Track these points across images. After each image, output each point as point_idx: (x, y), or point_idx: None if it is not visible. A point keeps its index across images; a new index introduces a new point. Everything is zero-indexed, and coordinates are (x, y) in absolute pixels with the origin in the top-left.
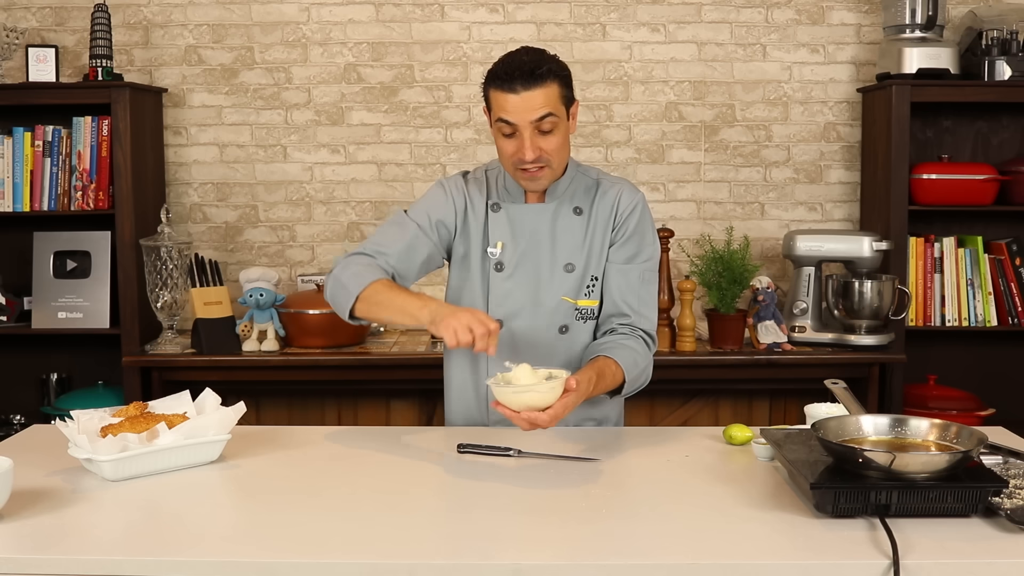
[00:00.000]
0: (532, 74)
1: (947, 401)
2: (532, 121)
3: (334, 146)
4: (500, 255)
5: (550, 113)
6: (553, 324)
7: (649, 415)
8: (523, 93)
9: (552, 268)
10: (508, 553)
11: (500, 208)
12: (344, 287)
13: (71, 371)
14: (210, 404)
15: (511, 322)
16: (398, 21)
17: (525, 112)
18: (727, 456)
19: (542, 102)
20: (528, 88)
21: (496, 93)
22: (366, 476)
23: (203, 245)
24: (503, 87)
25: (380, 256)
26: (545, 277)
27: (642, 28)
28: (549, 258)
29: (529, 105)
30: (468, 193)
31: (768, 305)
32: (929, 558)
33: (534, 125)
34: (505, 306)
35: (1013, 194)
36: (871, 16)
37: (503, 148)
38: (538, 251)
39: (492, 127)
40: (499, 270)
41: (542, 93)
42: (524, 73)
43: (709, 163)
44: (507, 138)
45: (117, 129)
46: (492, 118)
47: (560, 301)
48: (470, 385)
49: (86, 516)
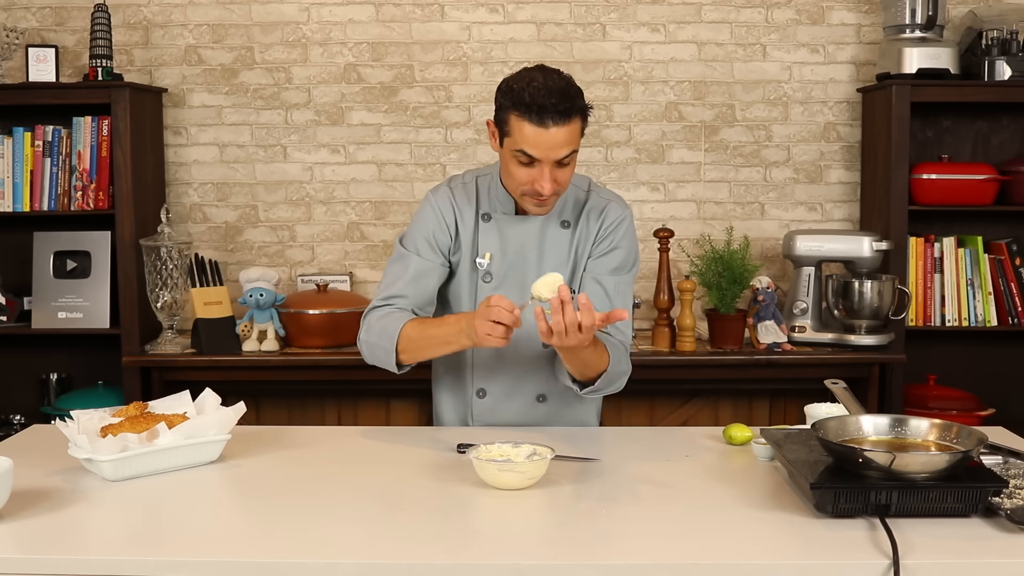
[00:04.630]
0: (564, 113)
1: (947, 401)
2: (556, 160)
3: (334, 146)
4: (488, 265)
5: (574, 150)
6: (536, 335)
7: (649, 415)
8: (552, 129)
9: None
10: (508, 553)
11: (491, 219)
12: (380, 347)
13: (71, 371)
14: (210, 404)
15: None
16: (398, 21)
17: (551, 149)
18: (727, 456)
19: (567, 139)
20: (558, 125)
21: (521, 122)
22: (366, 476)
23: (203, 245)
24: (531, 119)
25: (394, 300)
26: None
27: (642, 28)
28: (536, 270)
29: (556, 142)
30: (456, 203)
31: (768, 305)
32: (929, 558)
33: (556, 162)
34: None
35: (1013, 194)
36: (871, 16)
37: (517, 175)
38: (525, 262)
39: (503, 148)
40: (487, 281)
41: (568, 131)
42: (557, 112)
43: (709, 163)
44: (523, 167)
45: (117, 129)
46: (508, 142)
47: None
48: (456, 384)
49: (86, 516)
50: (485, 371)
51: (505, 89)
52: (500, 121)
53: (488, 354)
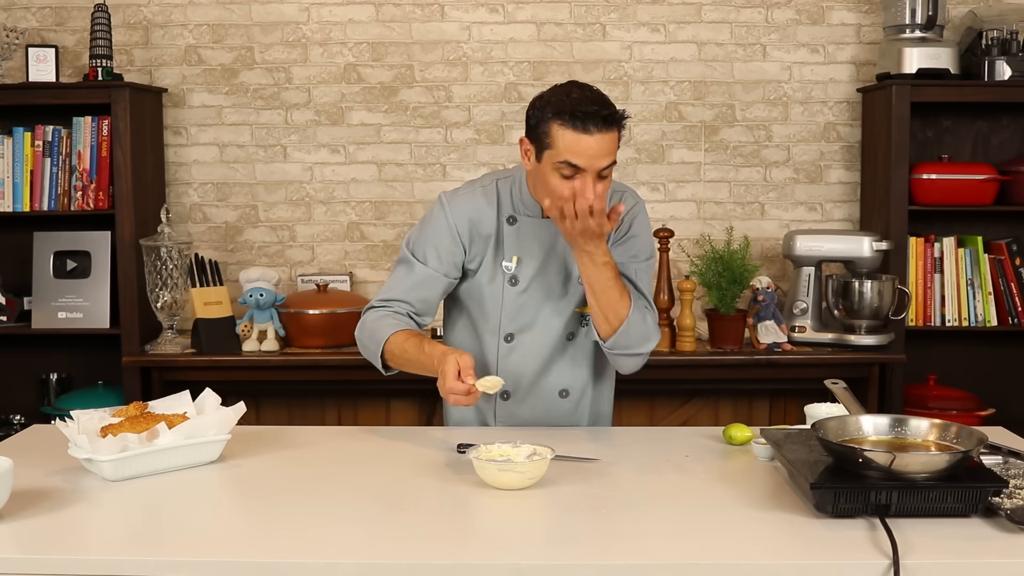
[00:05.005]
0: (607, 120)
1: (947, 401)
2: (600, 168)
3: (334, 146)
4: (515, 269)
5: (613, 161)
6: (562, 333)
7: (649, 415)
8: (596, 136)
9: (564, 281)
10: (508, 553)
11: (516, 222)
12: (368, 349)
13: (71, 371)
14: (210, 404)
15: (522, 334)
16: (398, 21)
17: (596, 158)
18: (727, 456)
19: (610, 147)
20: (601, 132)
21: (565, 131)
22: (366, 476)
23: (203, 245)
24: (576, 126)
25: (392, 304)
26: (557, 290)
27: (642, 28)
28: (563, 271)
29: (602, 150)
30: (474, 207)
31: (768, 305)
32: (929, 558)
33: (599, 171)
34: (518, 319)
35: (1013, 194)
36: (871, 16)
37: (558, 188)
38: (549, 265)
39: (541, 162)
40: (513, 284)
41: (611, 138)
42: (601, 118)
43: (709, 163)
44: (565, 180)
45: (117, 129)
46: (548, 155)
47: (572, 312)
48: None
49: (86, 516)
50: (511, 374)
51: (541, 103)
52: (539, 134)
53: (515, 355)
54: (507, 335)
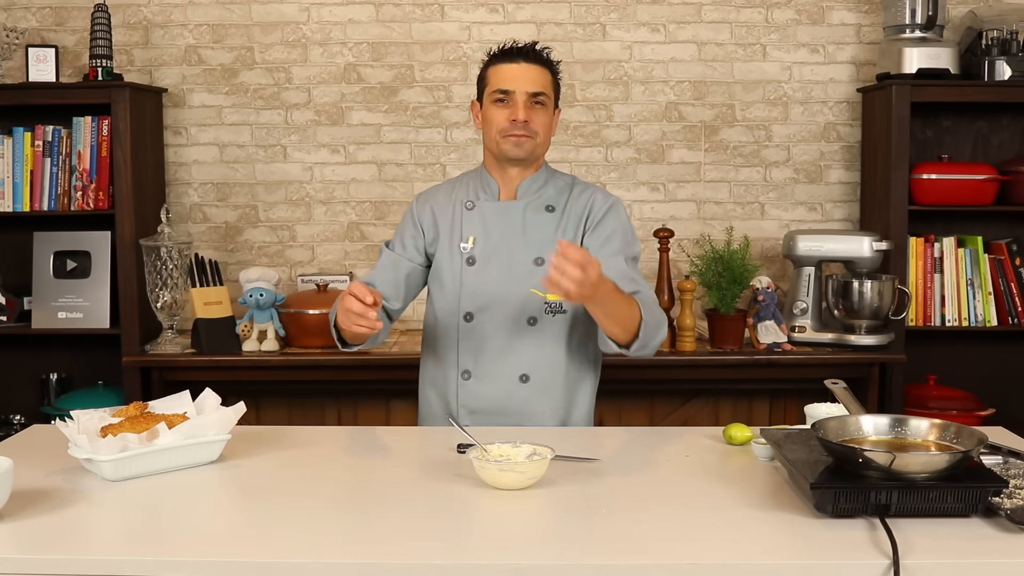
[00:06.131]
0: (533, 52)
1: (947, 401)
2: (528, 92)
3: (334, 146)
4: (472, 250)
5: (543, 92)
6: (522, 316)
7: (649, 415)
8: (523, 64)
9: (522, 262)
10: (508, 553)
11: (474, 206)
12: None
13: (71, 371)
14: (210, 404)
15: (481, 314)
16: (398, 21)
17: (523, 82)
18: (727, 456)
19: (538, 77)
20: (529, 62)
21: (497, 67)
22: (365, 476)
23: (203, 245)
24: (504, 60)
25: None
26: (515, 271)
27: (642, 28)
28: (520, 252)
29: (528, 76)
30: (434, 200)
31: (768, 305)
32: (929, 558)
33: (529, 96)
34: (476, 299)
35: (1013, 194)
36: (871, 16)
37: (494, 117)
38: (509, 246)
39: (482, 108)
40: (471, 264)
41: (538, 71)
42: (526, 51)
43: (709, 163)
44: (500, 106)
45: (117, 129)
46: (486, 96)
47: (529, 294)
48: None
49: (86, 516)
50: (471, 353)
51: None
52: (480, 86)
53: (475, 334)
54: (466, 314)
